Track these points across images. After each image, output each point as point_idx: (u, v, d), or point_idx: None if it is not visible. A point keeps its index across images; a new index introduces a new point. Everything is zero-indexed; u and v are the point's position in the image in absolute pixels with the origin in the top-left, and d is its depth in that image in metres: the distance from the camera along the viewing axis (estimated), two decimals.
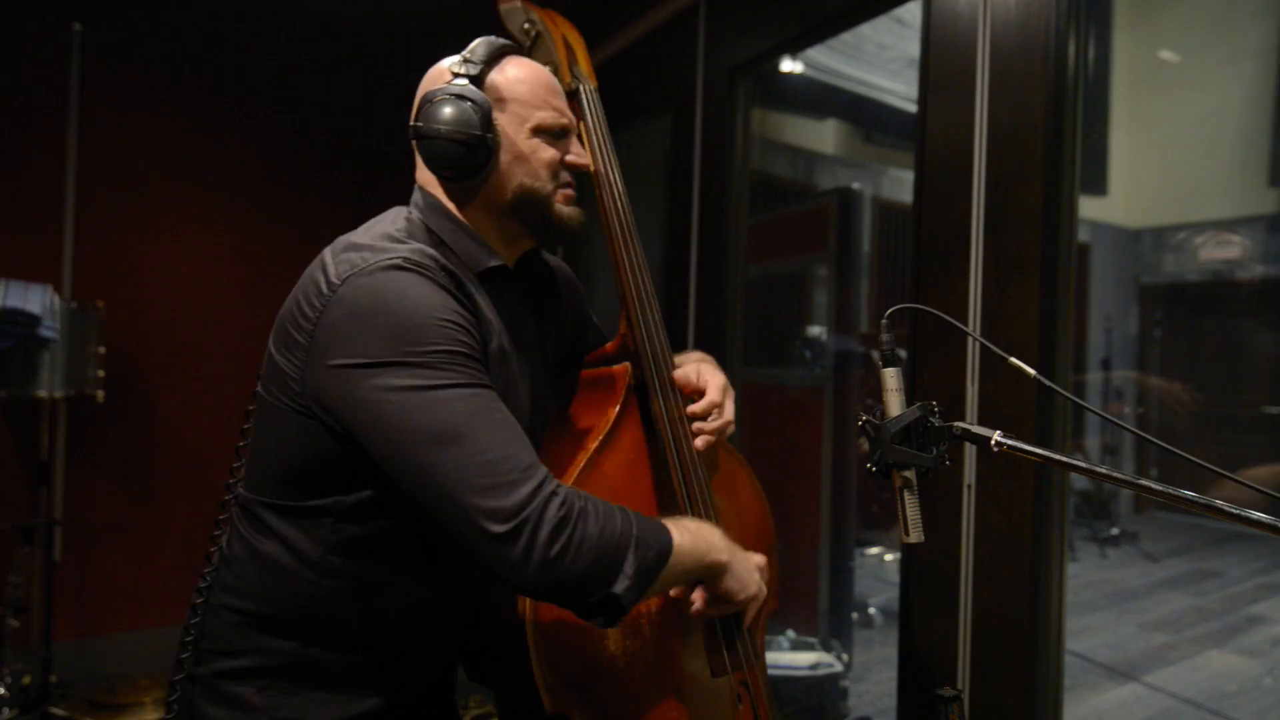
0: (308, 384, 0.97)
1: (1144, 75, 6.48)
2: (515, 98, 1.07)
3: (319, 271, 1.01)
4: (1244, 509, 0.76)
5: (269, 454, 1.04)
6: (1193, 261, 6.88)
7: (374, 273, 0.96)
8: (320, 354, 0.95)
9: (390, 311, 0.93)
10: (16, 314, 2.64)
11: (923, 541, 0.95)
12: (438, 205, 1.10)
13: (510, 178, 1.08)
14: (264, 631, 1.03)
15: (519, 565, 0.88)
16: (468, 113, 1.03)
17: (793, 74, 4.50)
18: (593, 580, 0.91)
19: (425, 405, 0.90)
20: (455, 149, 1.03)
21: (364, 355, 0.92)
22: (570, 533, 0.89)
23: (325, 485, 1.01)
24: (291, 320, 1.01)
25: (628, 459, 1.20)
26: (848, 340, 3.56)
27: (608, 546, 0.92)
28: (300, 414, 0.99)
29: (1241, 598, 4.88)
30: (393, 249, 1.00)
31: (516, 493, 0.88)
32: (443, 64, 1.10)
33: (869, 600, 4.16)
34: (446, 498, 0.89)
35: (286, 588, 1.02)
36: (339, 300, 0.95)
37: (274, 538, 1.03)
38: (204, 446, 3.43)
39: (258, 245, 3.57)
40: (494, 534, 0.87)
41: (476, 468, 0.89)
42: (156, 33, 3.34)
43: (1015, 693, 1.69)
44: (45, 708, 2.74)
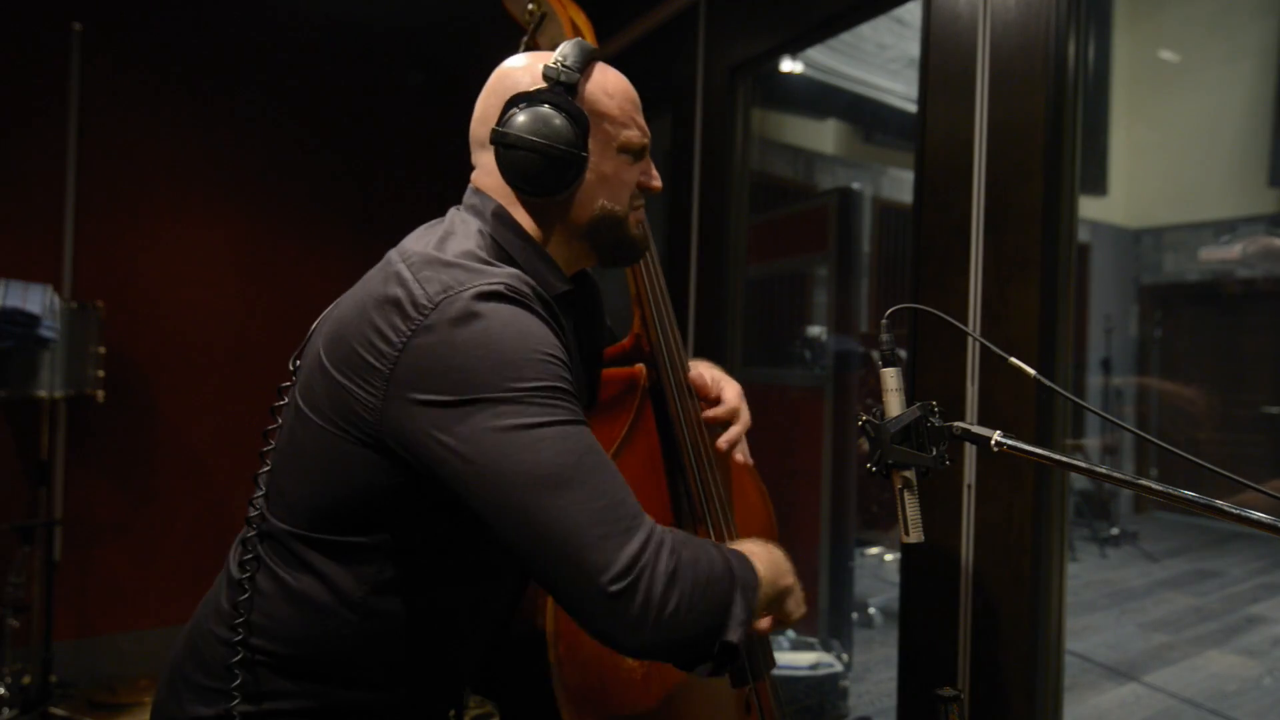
0: (386, 416, 0.87)
1: (1144, 75, 6.49)
2: (605, 112, 1.00)
3: (398, 288, 0.90)
4: (1244, 509, 0.76)
5: (314, 484, 0.94)
6: (1192, 261, 6.88)
7: (474, 299, 0.87)
8: (407, 385, 0.86)
9: (493, 344, 0.85)
10: (16, 314, 2.64)
11: (923, 541, 0.95)
12: (508, 220, 1.01)
13: (593, 198, 1.01)
14: (291, 676, 0.95)
15: (635, 625, 0.81)
16: (565, 126, 0.95)
17: (793, 74, 4.51)
18: (709, 631, 0.85)
19: (533, 445, 0.83)
20: (544, 164, 0.95)
21: (464, 391, 0.84)
22: (683, 585, 0.83)
23: (377, 522, 0.93)
24: (364, 341, 0.89)
25: (645, 461, 1.19)
26: (848, 340, 3.56)
27: (717, 593, 0.86)
28: (366, 446, 0.90)
29: (1241, 598, 4.88)
30: (488, 272, 0.91)
31: (629, 545, 0.81)
32: (520, 62, 1.01)
33: (869, 600, 4.16)
34: (556, 549, 0.82)
35: (322, 628, 0.94)
36: (432, 327, 0.86)
37: (311, 574, 0.94)
38: (204, 446, 3.43)
39: (258, 245, 3.57)
40: (610, 593, 0.80)
41: (589, 516, 0.82)
42: (156, 33, 3.34)
43: (1015, 693, 1.69)
44: (45, 708, 2.74)
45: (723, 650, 0.86)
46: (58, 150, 3.13)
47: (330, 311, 1.02)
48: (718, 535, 1.18)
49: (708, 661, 0.87)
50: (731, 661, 0.87)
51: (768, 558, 0.98)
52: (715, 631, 0.86)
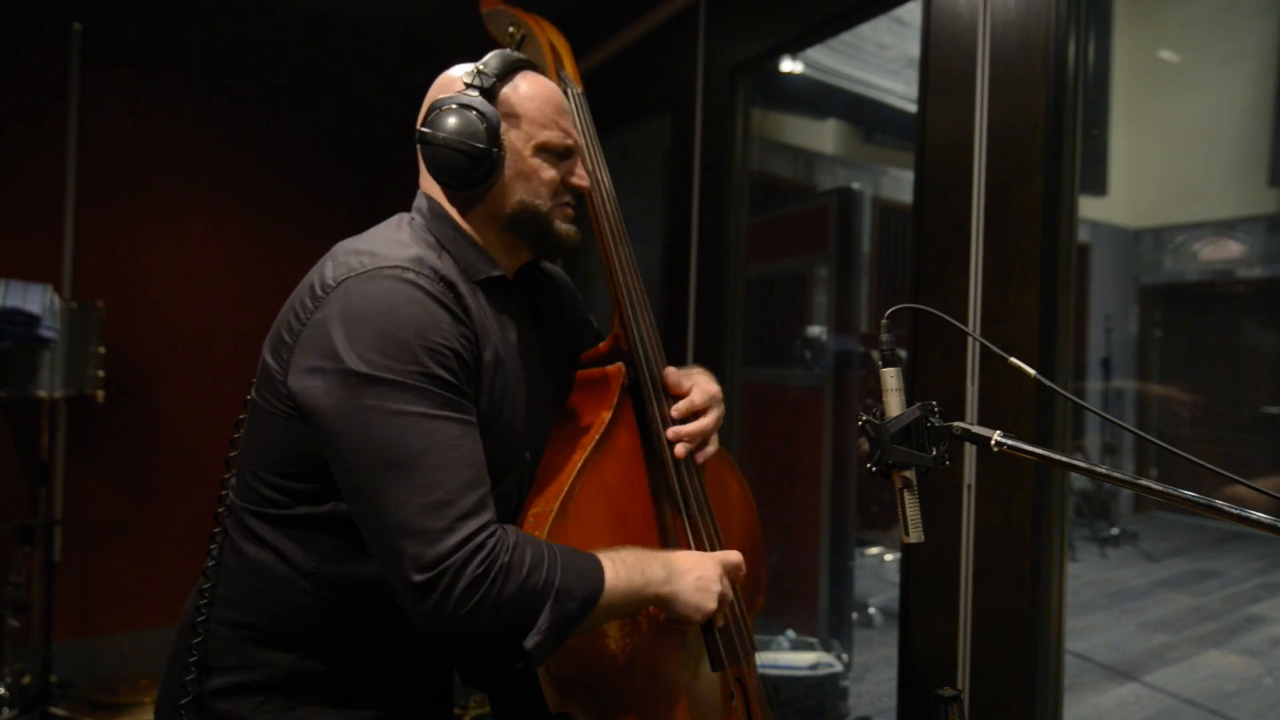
0: (289, 384, 0.96)
1: (1144, 75, 6.49)
2: (524, 114, 1.08)
3: (315, 275, 1.01)
4: (1244, 509, 0.76)
5: (259, 459, 1.03)
6: (1192, 261, 6.88)
7: (371, 278, 0.95)
8: (302, 354, 0.95)
9: (378, 321, 0.92)
10: (16, 314, 2.64)
11: (923, 541, 0.95)
12: (440, 211, 1.10)
13: (511, 192, 1.08)
14: (259, 645, 1.02)
15: (428, 617, 0.87)
16: (475, 125, 1.03)
17: (793, 74, 4.50)
18: (501, 635, 0.90)
19: (386, 426, 0.90)
20: (459, 159, 1.03)
21: (342, 360, 0.91)
22: (485, 591, 0.87)
23: (315, 492, 1.00)
24: (284, 323, 1.01)
25: (623, 459, 1.21)
26: (848, 340, 3.56)
27: (522, 604, 0.90)
28: (287, 416, 0.98)
29: (1241, 598, 4.88)
30: (392, 256, 0.99)
31: (443, 542, 0.87)
32: (454, 72, 1.10)
33: (869, 600, 4.16)
34: (378, 528, 0.89)
35: (281, 599, 1.01)
36: (329, 302, 0.95)
37: (265, 547, 1.02)
38: (204, 446, 3.43)
39: (258, 245, 3.57)
40: (411, 582, 0.86)
41: (415, 507, 0.88)
42: (156, 33, 3.34)
43: (1015, 693, 1.69)
44: (45, 708, 2.74)
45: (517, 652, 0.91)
46: (58, 150, 3.13)
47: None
48: (695, 530, 1.20)
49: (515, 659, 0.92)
50: (535, 663, 0.92)
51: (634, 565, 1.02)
52: (510, 636, 0.90)
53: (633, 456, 1.23)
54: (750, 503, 1.44)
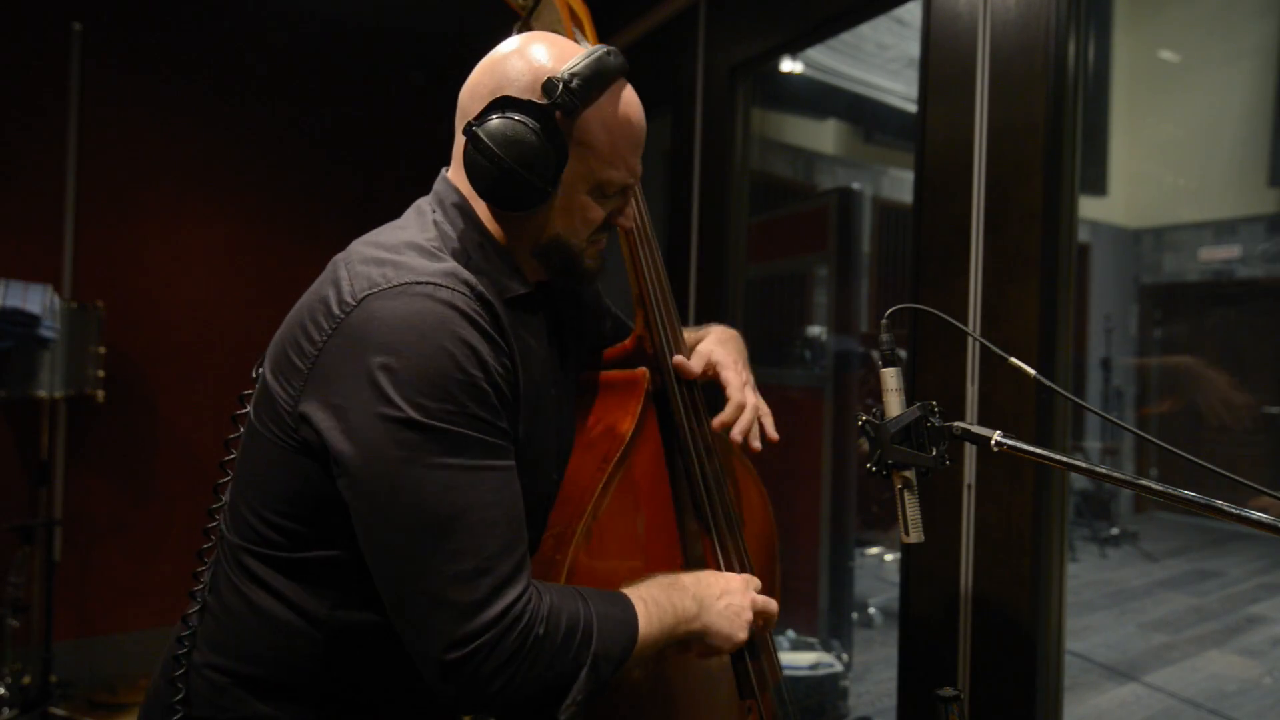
0: (298, 416, 0.83)
1: (1144, 75, 6.49)
2: (594, 146, 0.91)
3: (329, 287, 0.86)
4: (1244, 509, 0.76)
5: (258, 493, 0.90)
6: (1193, 261, 6.88)
7: (398, 296, 0.81)
8: (319, 386, 0.82)
9: (409, 353, 0.78)
10: (16, 314, 2.64)
11: (923, 541, 0.95)
12: (471, 215, 0.95)
13: (549, 225, 0.94)
14: (257, 695, 0.90)
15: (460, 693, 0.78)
16: (541, 158, 0.87)
17: (793, 74, 4.51)
18: (533, 707, 0.82)
19: (421, 482, 0.78)
20: (504, 182, 0.87)
21: (368, 401, 0.78)
22: (518, 667, 0.79)
23: (324, 535, 0.88)
24: (293, 343, 0.86)
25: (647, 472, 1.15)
26: (848, 340, 3.56)
27: (556, 676, 0.82)
28: (294, 450, 0.86)
29: (1241, 598, 4.88)
30: (422, 267, 0.84)
31: (478, 618, 0.77)
32: (528, 59, 0.91)
33: (869, 600, 4.16)
34: (405, 597, 0.79)
35: (284, 647, 0.90)
36: (350, 325, 0.81)
37: (268, 591, 0.90)
38: (204, 446, 3.43)
39: (258, 245, 3.57)
40: (441, 661, 0.77)
41: (448, 576, 0.77)
42: (156, 33, 3.34)
43: (1015, 693, 1.69)
44: (45, 708, 2.74)
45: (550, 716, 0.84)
46: (58, 150, 3.13)
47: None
48: (722, 542, 1.15)
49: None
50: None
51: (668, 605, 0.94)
52: (550, 704, 0.83)
53: (657, 468, 1.17)
54: (770, 513, 1.38)
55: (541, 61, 0.90)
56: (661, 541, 1.15)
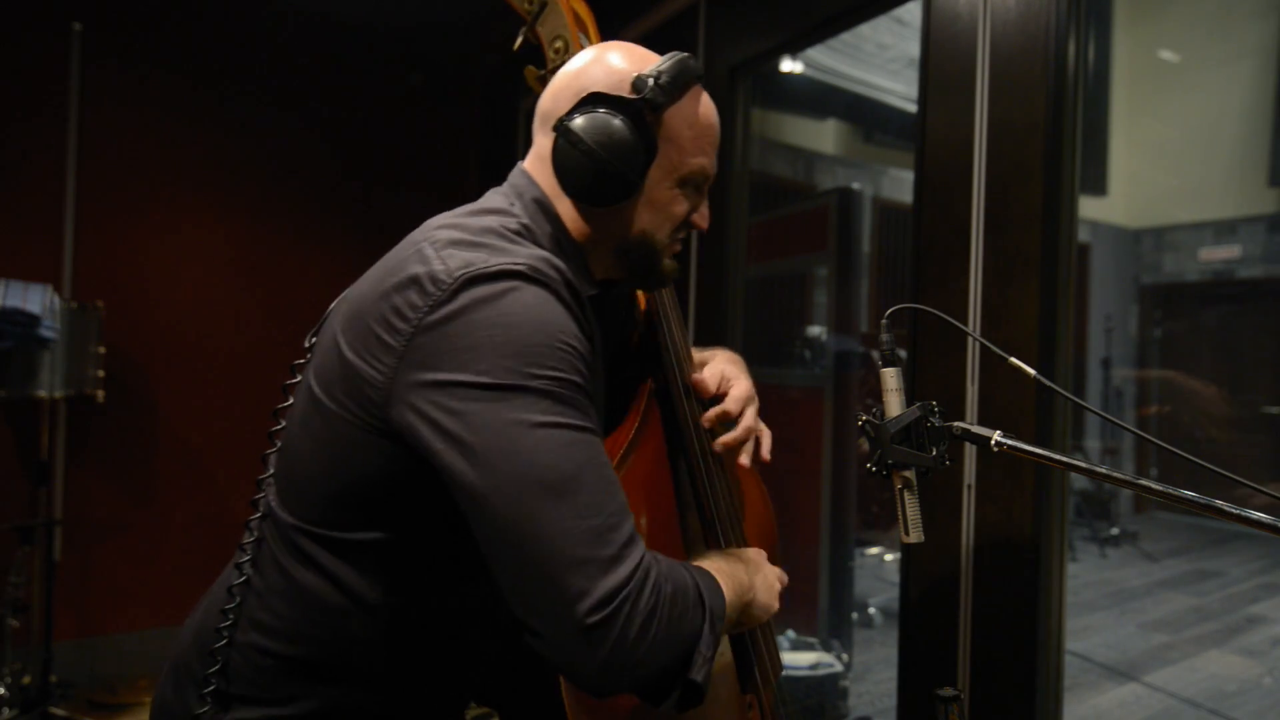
0: (392, 396, 0.81)
1: (1144, 75, 6.49)
2: (680, 140, 0.95)
3: (418, 265, 0.84)
4: (1244, 509, 0.76)
5: (324, 473, 0.88)
6: (1193, 261, 6.88)
7: (495, 276, 0.81)
8: (417, 364, 0.80)
9: (513, 325, 0.79)
10: (16, 314, 2.64)
11: (923, 541, 0.95)
12: (551, 212, 0.96)
13: (636, 219, 0.96)
14: (301, 677, 0.90)
15: (604, 661, 0.74)
16: (633, 150, 0.90)
17: (793, 74, 4.51)
18: (673, 672, 0.80)
19: (538, 444, 0.76)
20: (596, 174, 0.90)
21: (478, 373, 0.77)
22: (659, 622, 0.77)
23: (387, 515, 0.87)
24: (378, 317, 0.83)
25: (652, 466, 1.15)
26: (848, 340, 3.56)
27: (688, 633, 0.80)
28: (372, 431, 0.84)
29: (1241, 598, 4.88)
30: (514, 251, 0.86)
31: (615, 573, 0.75)
32: (619, 61, 0.95)
33: (869, 600, 4.16)
34: (531, 564, 0.75)
35: (334, 630, 0.89)
36: (448, 304, 0.80)
37: (318, 572, 0.89)
38: (204, 446, 3.43)
39: (258, 245, 3.57)
40: (585, 624, 0.73)
41: (579, 535, 0.75)
42: (156, 33, 3.34)
43: (1015, 693, 1.69)
44: (45, 708, 2.74)
45: (687, 687, 0.81)
46: (58, 150, 3.14)
47: (349, 291, 0.96)
48: (725, 541, 1.15)
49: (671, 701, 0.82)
50: (696, 700, 0.82)
51: (731, 574, 0.94)
52: (680, 670, 0.81)
53: (659, 467, 1.17)
54: (770, 511, 1.38)
55: (626, 63, 0.95)
56: (663, 539, 1.15)
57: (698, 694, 0.82)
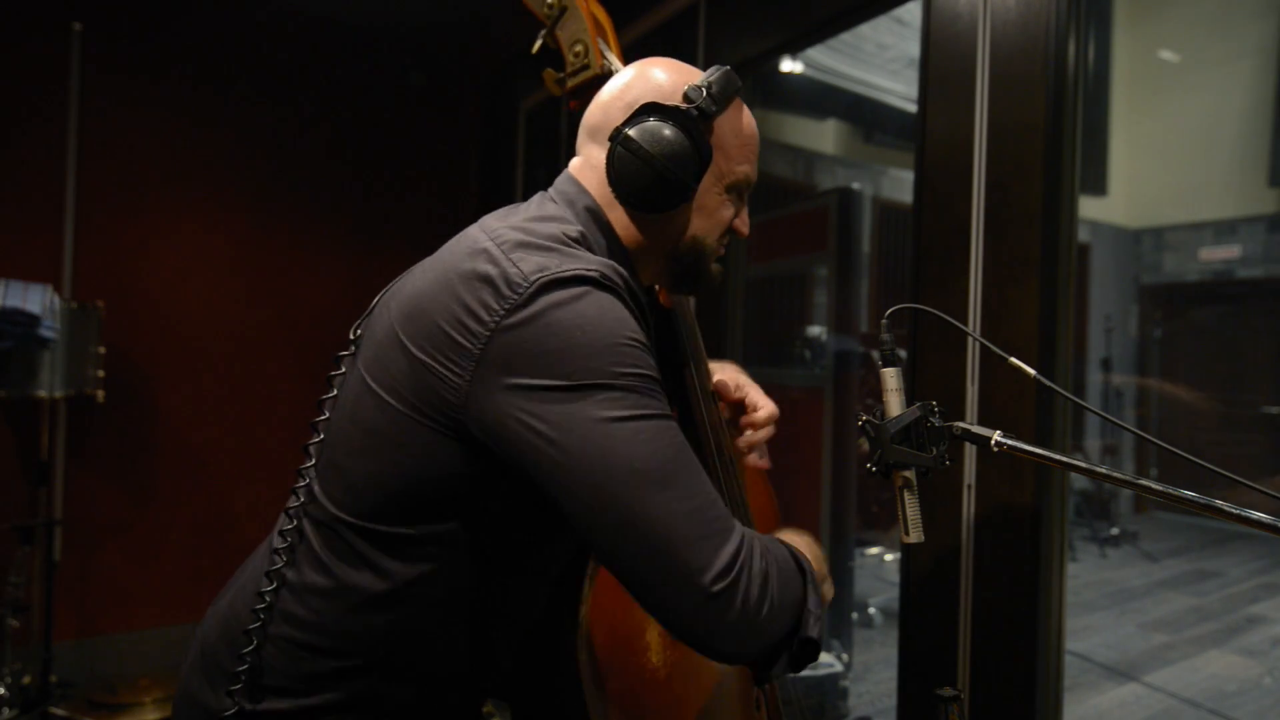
0: (473, 398, 0.82)
1: (1144, 75, 6.49)
2: (728, 147, 1.00)
3: (488, 264, 0.85)
4: (1244, 509, 0.76)
5: (383, 468, 0.88)
6: (1193, 261, 6.88)
7: (569, 282, 0.83)
8: (499, 367, 0.81)
9: (590, 328, 0.81)
10: (16, 314, 2.64)
11: (923, 541, 0.95)
12: (602, 219, 0.98)
13: (688, 225, 0.99)
14: (332, 669, 0.91)
15: (733, 627, 0.78)
16: (689, 156, 0.93)
17: (793, 74, 4.51)
18: (792, 629, 0.85)
19: (632, 437, 0.79)
20: (655, 182, 0.93)
21: (562, 375, 0.79)
22: (773, 586, 0.82)
23: (446, 512, 0.89)
24: (450, 318, 0.84)
25: None
26: (848, 340, 3.56)
27: (795, 592, 0.85)
28: (447, 432, 0.85)
29: (1241, 598, 4.88)
30: (584, 257, 0.87)
31: (728, 545, 0.79)
32: (670, 75, 0.99)
33: (869, 600, 4.16)
34: (654, 548, 0.78)
35: (376, 623, 0.91)
36: (528, 307, 0.81)
37: (365, 566, 0.90)
38: (204, 446, 3.43)
39: (258, 245, 3.57)
40: (711, 593, 0.77)
41: (687, 515, 0.78)
42: (156, 33, 3.34)
43: (1015, 693, 1.69)
44: (45, 708, 2.74)
45: (803, 646, 0.86)
46: (58, 150, 3.14)
47: (401, 284, 0.97)
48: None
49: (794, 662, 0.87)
50: (812, 656, 0.87)
51: (808, 547, 0.98)
52: (796, 629, 0.85)
53: None
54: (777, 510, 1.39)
55: (674, 75, 0.99)
56: None
57: (814, 650, 0.87)
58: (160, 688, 2.80)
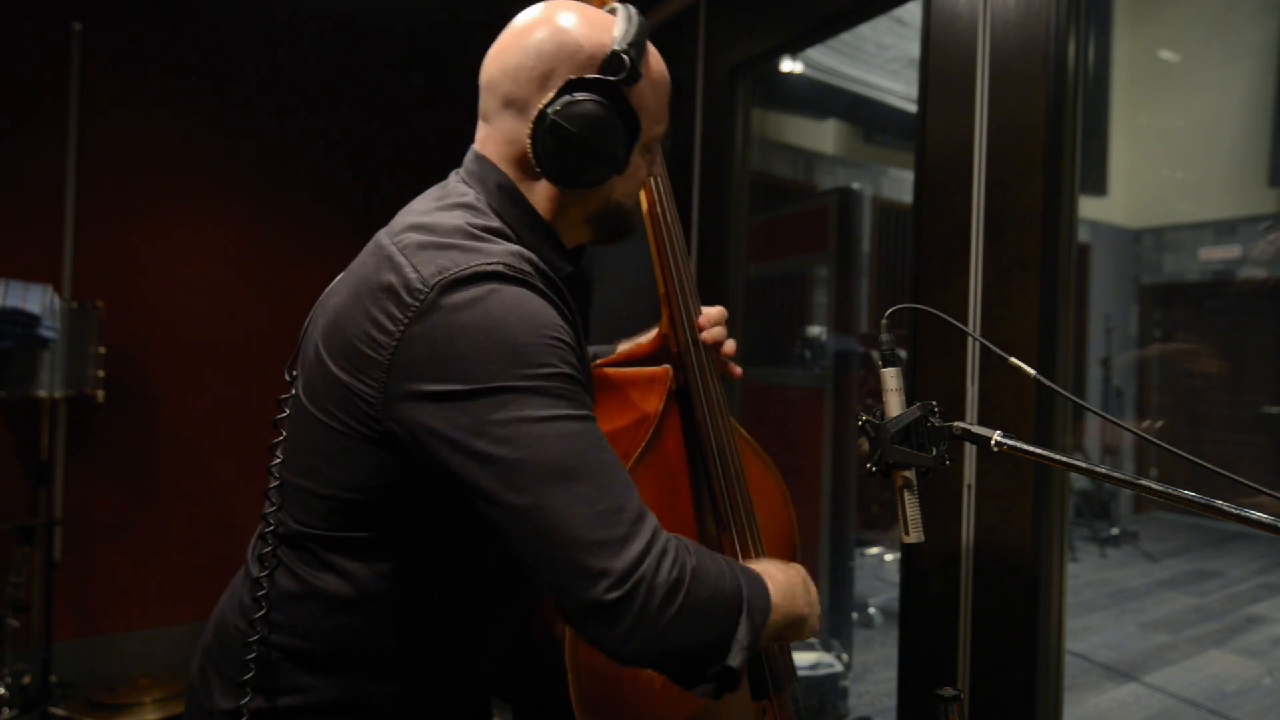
0: (387, 410, 0.82)
1: (1144, 75, 6.49)
2: (649, 109, 0.95)
3: (390, 273, 0.84)
4: (1244, 509, 0.76)
5: (326, 482, 0.90)
6: (1193, 261, 6.88)
7: (472, 279, 0.81)
8: (406, 375, 0.81)
9: (496, 327, 0.80)
10: (16, 314, 2.64)
11: (923, 541, 0.95)
12: (515, 194, 0.95)
13: (612, 191, 0.97)
14: (316, 669, 0.93)
15: (626, 637, 0.77)
16: (619, 131, 0.90)
17: (793, 74, 4.50)
18: (707, 652, 0.81)
19: (538, 438, 0.78)
20: (585, 164, 0.90)
21: (465, 380, 0.78)
22: (683, 596, 0.78)
23: (395, 516, 0.90)
24: (360, 333, 0.84)
25: (668, 470, 1.13)
26: (848, 340, 3.56)
27: (721, 613, 0.82)
28: (372, 442, 0.85)
29: (1241, 598, 4.88)
30: (486, 250, 0.85)
31: (629, 550, 0.77)
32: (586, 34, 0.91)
33: (869, 600, 4.16)
34: (548, 551, 0.78)
35: (349, 624, 0.92)
36: (429, 312, 0.80)
37: (334, 573, 0.91)
38: (204, 446, 3.43)
39: (258, 245, 3.57)
40: (604, 601, 0.75)
41: (590, 518, 0.77)
42: (156, 33, 3.34)
43: (1015, 693, 1.69)
44: (45, 708, 2.74)
45: (722, 674, 0.82)
46: (58, 150, 3.14)
47: (323, 301, 0.97)
48: (742, 545, 1.14)
49: (707, 683, 0.83)
50: (731, 686, 0.83)
51: (785, 582, 0.94)
52: (715, 653, 0.82)
53: (677, 468, 1.15)
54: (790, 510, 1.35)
55: (590, 32, 0.92)
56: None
57: (733, 680, 0.82)
58: (160, 688, 2.80)
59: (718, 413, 1.16)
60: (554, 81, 0.90)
